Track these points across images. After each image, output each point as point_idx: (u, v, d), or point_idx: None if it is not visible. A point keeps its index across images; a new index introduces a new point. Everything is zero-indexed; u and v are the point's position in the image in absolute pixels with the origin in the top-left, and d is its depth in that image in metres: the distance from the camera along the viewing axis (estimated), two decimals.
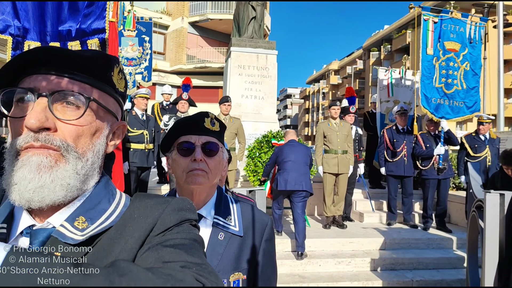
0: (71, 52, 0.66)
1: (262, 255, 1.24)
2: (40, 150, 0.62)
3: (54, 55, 0.65)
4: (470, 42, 6.24)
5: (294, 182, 4.83)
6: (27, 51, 0.66)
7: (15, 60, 0.65)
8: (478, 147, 5.86)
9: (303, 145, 5.35)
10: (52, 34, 1.84)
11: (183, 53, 21.80)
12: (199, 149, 1.15)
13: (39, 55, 0.65)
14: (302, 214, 4.92)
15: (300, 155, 5.01)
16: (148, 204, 0.70)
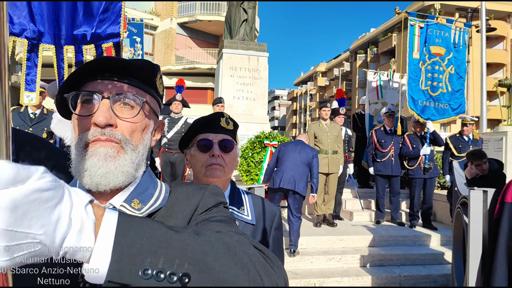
0: (126, 62, 0.78)
1: (271, 242, 1.36)
2: (106, 143, 0.74)
3: (114, 64, 0.77)
4: (454, 46, 6.49)
5: (288, 181, 4.80)
6: (91, 61, 0.78)
7: (82, 68, 0.77)
8: (462, 147, 6.10)
9: (309, 147, 5.19)
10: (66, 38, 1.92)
11: (172, 54, 21.78)
12: (216, 146, 1.26)
13: (103, 64, 0.77)
14: (296, 214, 4.90)
15: (300, 156, 4.92)
16: (189, 190, 0.83)
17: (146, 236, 0.56)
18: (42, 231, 0.47)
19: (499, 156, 6.81)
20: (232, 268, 0.59)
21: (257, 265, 0.62)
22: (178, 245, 0.57)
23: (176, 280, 0.54)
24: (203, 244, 0.59)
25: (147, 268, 0.53)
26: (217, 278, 0.57)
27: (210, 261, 0.58)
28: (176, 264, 0.55)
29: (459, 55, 6.47)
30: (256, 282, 0.60)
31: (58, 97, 0.80)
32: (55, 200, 0.49)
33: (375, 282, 4.75)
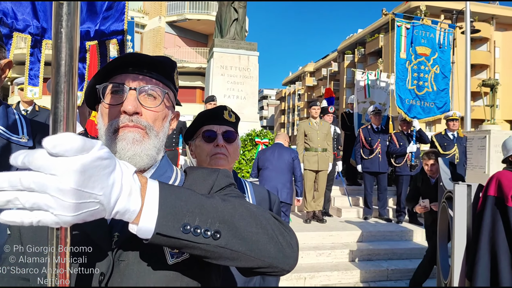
0: (150, 58, 0.88)
1: None
2: (133, 129, 0.83)
3: (139, 59, 0.87)
4: (440, 47, 6.68)
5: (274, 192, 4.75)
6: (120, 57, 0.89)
7: (112, 63, 0.87)
8: (447, 145, 6.28)
9: (288, 150, 4.95)
10: None
11: (161, 53, 21.66)
12: (220, 136, 1.35)
13: (129, 59, 0.87)
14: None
15: (280, 162, 4.69)
16: (204, 172, 0.92)
17: (183, 199, 0.66)
18: (102, 192, 0.57)
19: (482, 154, 7.04)
20: (253, 227, 0.70)
21: (273, 226, 0.73)
22: (210, 208, 0.67)
23: (210, 236, 0.65)
24: (230, 207, 0.70)
25: (186, 224, 0.64)
26: (242, 235, 0.69)
27: (236, 221, 0.69)
28: (209, 223, 0.66)
29: (444, 55, 6.66)
30: (273, 240, 0.72)
31: (88, 89, 0.90)
32: (111, 168, 0.58)
33: (363, 276, 4.88)
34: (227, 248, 0.67)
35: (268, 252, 0.71)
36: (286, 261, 0.73)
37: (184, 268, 0.78)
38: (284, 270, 0.74)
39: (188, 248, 0.66)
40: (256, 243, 0.70)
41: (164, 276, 0.76)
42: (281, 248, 0.72)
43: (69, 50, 0.57)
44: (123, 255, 0.76)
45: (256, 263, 0.70)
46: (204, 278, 0.82)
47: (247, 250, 0.69)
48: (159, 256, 0.76)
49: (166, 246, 0.67)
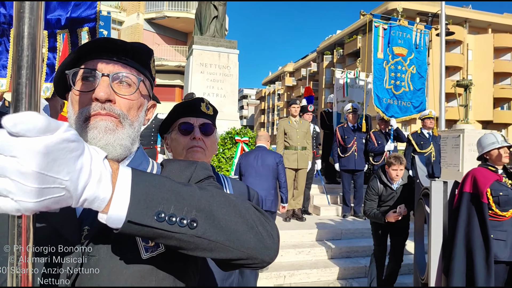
0: (124, 43, 0.84)
1: None
2: (106, 117, 0.79)
3: (113, 44, 0.82)
4: (416, 47, 6.82)
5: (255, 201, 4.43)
6: (92, 41, 0.83)
7: (84, 47, 0.82)
8: (423, 143, 6.42)
9: (272, 153, 4.58)
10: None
11: None
12: (197, 129, 1.30)
13: (102, 44, 0.82)
14: None
15: (263, 167, 4.38)
16: (182, 164, 0.88)
17: (158, 186, 0.62)
18: (68, 177, 0.52)
19: (456, 152, 7.22)
20: (233, 216, 0.67)
21: (254, 216, 0.70)
22: (186, 195, 0.64)
23: (186, 225, 0.62)
24: (208, 196, 0.67)
25: (160, 212, 0.60)
26: (220, 225, 0.65)
27: (214, 209, 0.65)
28: (185, 211, 0.62)
29: (420, 55, 6.80)
30: (253, 230, 0.69)
31: (57, 75, 0.83)
32: (78, 151, 0.54)
33: (342, 273, 4.92)
34: (205, 238, 0.64)
35: (248, 243, 0.68)
36: (266, 252, 0.70)
37: (159, 263, 0.74)
38: (264, 262, 0.71)
39: (163, 238, 0.62)
40: (235, 233, 0.66)
41: (138, 271, 0.72)
42: (261, 238, 0.69)
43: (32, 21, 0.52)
44: (94, 250, 0.71)
45: (235, 254, 0.67)
46: (181, 273, 0.78)
47: (225, 240, 0.65)
48: (132, 250, 0.72)
49: (139, 236, 0.63)
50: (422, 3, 28.24)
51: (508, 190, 3.03)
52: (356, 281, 4.81)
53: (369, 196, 4.19)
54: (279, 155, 4.69)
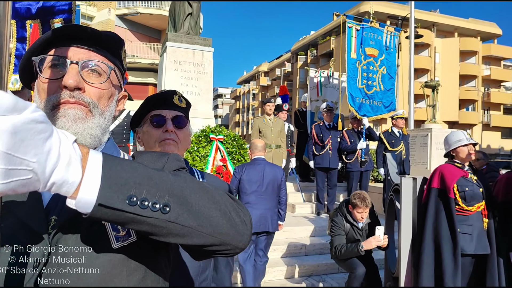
0: (94, 31, 0.81)
1: None
2: (75, 105, 0.76)
3: (83, 32, 0.80)
4: (386, 49, 7.00)
5: (259, 222, 3.80)
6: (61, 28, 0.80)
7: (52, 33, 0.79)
8: (394, 142, 6.61)
9: (275, 167, 4.07)
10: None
11: None
12: (170, 121, 1.28)
13: (72, 31, 0.79)
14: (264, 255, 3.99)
15: (270, 185, 3.88)
16: (154, 155, 0.87)
17: (130, 171, 0.61)
18: (35, 159, 0.51)
19: (424, 151, 7.47)
20: (206, 202, 0.67)
21: (227, 202, 0.71)
22: (158, 180, 0.63)
23: (158, 209, 0.61)
24: (181, 181, 0.66)
25: (132, 196, 0.59)
26: (193, 210, 0.65)
27: (187, 195, 0.65)
28: (158, 196, 0.61)
29: (390, 57, 6.99)
30: (226, 216, 0.69)
31: (23, 62, 0.80)
32: (47, 133, 0.52)
33: (316, 269, 4.99)
34: (177, 223, 0.63)
35: (221, 228, 0.67)
36: (239, 238, 0.70)
37: (130, 253, 0.72)
38: (237, 248, 0.71)
39: (135, 223, 0.61)
40: (208, 218, 0.66)
41: (108, 261, 0.70)
42: (234, 224, 0.69)
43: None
44: (62, 240, 0.69)
45: (208, 239, 0.67)
46: (152, 264, 0.77)
47: (198, 226, 0.65)
48: (102, 240, 0.71)
49: (110, 222, 0.62)
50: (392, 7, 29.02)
51: (473, 186, 3.16)
52: (329, 277, 4.88)
53: (336, 232, 3.86)
54: (281, 168, 4.22)
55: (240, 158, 6.12)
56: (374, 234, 3.63)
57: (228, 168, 5.86)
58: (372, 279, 3.77)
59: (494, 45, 36.47)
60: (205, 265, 1.35)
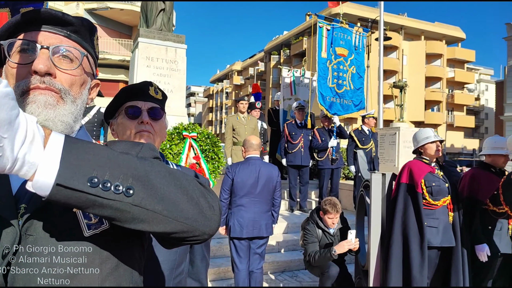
0: (66, 16, 0.79)
1: None
2: (45, 91, 0.74)
3: (53, 16, 0.77)
4: (355, 49, 7.17)
5: (252, 227, 3.61)
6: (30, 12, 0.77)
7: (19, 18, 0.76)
8: (364, 140, 6.78)
9: (270, 166, 3.85)
10: None
11: None
12: (145, 113, 1.26)
13: (42, 15, 0.77)
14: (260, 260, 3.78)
15: (266, 186, 3.66)
16: (127, 144, 0.85)
17: (93, 153, 0.60)
18: (6, 135, 0.50)
19: (393, 149, 7.70)
20: (172, 187, 0.66)
21: (195, 188, 0.70)
22: (123, 163, 0.62)
23: (121, 192, 0.60)
24: (147, 165, 0.65)
25: (94, 177, 0.58)
26: (159, 194, 0.63)
27: (152, 179, 0.64)
28: (121, 178, 0.60)
29: (359, 56, 7.17)
30: (193, 201, 0.68)
31: None
32: (16, 111, 0.52)
33: (288, 264, 5.05)
34: (142, 207, 0.62)
35: (188, 213, 0.66)
36: (207, 223, 0.69)
37: (102, 241, 0.71)
38: (205, 234, 0.70)
39: (97, 207, 0.60)
40: (175, 203, 0.65)
41: (80, 249, 0.69)
42: (202, 209, 0.68)
43: None
44: (31, 229, 0.68)
45: (174, 225, 0.66)
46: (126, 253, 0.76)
47: (164, 210, 0.64)
48: (74, 228, 0.69)
49: (70, 205, 0.60)
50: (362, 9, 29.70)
51: (440, 181, 3.29)
52: (302, 272, 4.96)
53: (309, 239, 3.80)
54: (277, 167, 3.93)
55: (213, 156, 6.10)
56: (346, 238, 3.65)
57: (201, 166, 5.82)
58: (343, 280, 3.82)
59: (458, 49, 38.09)
60: (181, 259, 1.34)
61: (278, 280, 4.76)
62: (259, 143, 3.83)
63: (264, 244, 3.82)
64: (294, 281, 4.77)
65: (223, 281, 4.61)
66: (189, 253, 1.45)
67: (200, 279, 1.50)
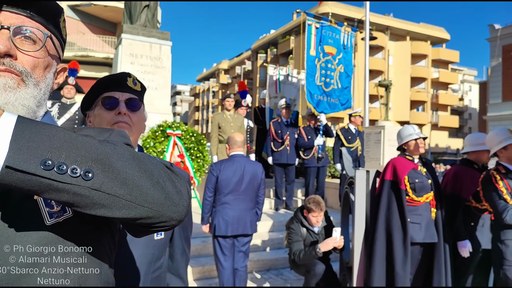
0: None
1: None
2: (5, 73, 0.70)
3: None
4: (344, 47, 7.20)
5: (237, 224, 3.59)
6: None
7: None
8: (351, 138, 6.80)
9: (255, 164, 3.86)
10: None
11: None
12: (123, 103, 1.22)
13: None
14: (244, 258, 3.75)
15: (251, 184, 3.66)
16: (96, 131, 0.81)
17: (48, 134, 0.56)
18: None
19: (378, 147, 7.78)
20: (136, 170, 0.62)
21: (161, 171, 0.67)
22: (81, 145, 0.58)
23: (79, 175, 0.56)
24: (108, 148, 0.62)
25: (48, 160, 0.54)
26: (121, 177, 0.60)
27: (114, 162, 0.60)
28: (79, 161, 0.57)
29: (347, 55, 7.20)
30: (159, 185, 0.64)
31: None
32: None
33: (274, 263, 5.03)
34: (102, 191, 0.58)
35: (152, 198, 0.63)
36: (174, 209, 0.66)
37: (66, 230, 0.67)
38: (173, 219, 0.67)
39: (53, 192, 0.56)
40: (139, 187, 0.62)
41: (41, 238, 0.65)
42: (168, 194, 0.65)
43: None
44: None
45: (139, 211, 0.62)
46: (93, 243, 0.71)
47: (126, 195, 0.60)
48: (35, 216, 0.66)
49: (24, 189, 0.56)
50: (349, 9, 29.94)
51: (423, 178, 3.31)
52: (287, 270, 4.94)
53: (293, 238, 3.78)
54: (261, 165, 3.93)
55: (198, 154, 6.04)
56: (330, 236, 3.65)
57: (186, 164, 5.76)
58: (328, 278, 3.80)
59: (442, 49, 38.73)
60: (160, 252, 1.30)
61: (264, 278, 4.74)
62: (244, 140, 3.81)
63: (248, 242, 3.80)
64: (280, 279, 4.75)
65: (208, 280, 4.57)
66: (168, 247, 1.41)
67: (180, 274, 1.46)
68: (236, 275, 3.72)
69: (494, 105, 24.11)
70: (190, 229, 1.50)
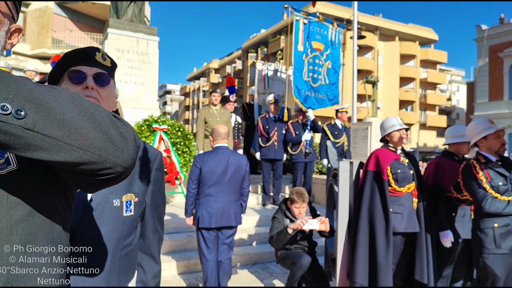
0: None
1: (152, 182, 1.34)
2: None
3: None
4: (331, 44, 7.22)
5: (221, 216, 3.58)
6: None
7: None
8: (337, 133, 6.84)
9: (239, 156, 3.87)
10: None
11: (48, 36, 19.47)
12: (90, 78, 1.19)
13: None
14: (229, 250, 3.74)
15: (234, 175, 3.66)
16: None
17: None
18: None
19: (365, 143, 7.81)
20: (76, 114, 0.60)
21: (104, 117, 0.64)
22: (13, 85, 0.56)
23: (10, 113, 0.54)
24: (45, 90, 0.59)
25: None
26: (57, 118, 0.58)
27: (50, 102, 0.58)
28: (10, 99, 0.55)
29: (335, 52, 7.22)
30: (101, 129, 0.62)
31: None
32: None
33: (260, 257, 5.03)
34: (37, 132, 0.56)
35: (94, 142, 0.61)
36: (119, 155, 0.64)
37: (10, 184, 0.65)
38: (117, 165, 0.64)
39: None
40: (77, 130, 0.59)
41: None
42: (111, 139, 0.63)
43: None
44: None
45: (79, 155, 0.60)
46: (42, 202, 0.69)
47: (64, 136, 0.58)
48: None
49: None
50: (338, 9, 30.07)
51: (405, 168, 3.34)
52: (273, 264, 4.94)
53: (274, 225, 3.83)
54: (245, 157, 3.94)
55: (184, 149, 6.01)
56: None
57: (172, 159, 5.72)
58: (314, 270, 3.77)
59: (431, 50, 39.15)
60: (129, 230, 1.28)
61: (250, 272, 4.73)
62: (227, 132, 3.80)
63: (232, 235, 3.78)
64: (266, 273, 4.75)
65: (193, 274, 4.55)
66: (140, 226, 1.39)
67: (152, 253, 1.44)
68: (220, 267, 3.69)
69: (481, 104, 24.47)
70: (162, 209, 1.48)
